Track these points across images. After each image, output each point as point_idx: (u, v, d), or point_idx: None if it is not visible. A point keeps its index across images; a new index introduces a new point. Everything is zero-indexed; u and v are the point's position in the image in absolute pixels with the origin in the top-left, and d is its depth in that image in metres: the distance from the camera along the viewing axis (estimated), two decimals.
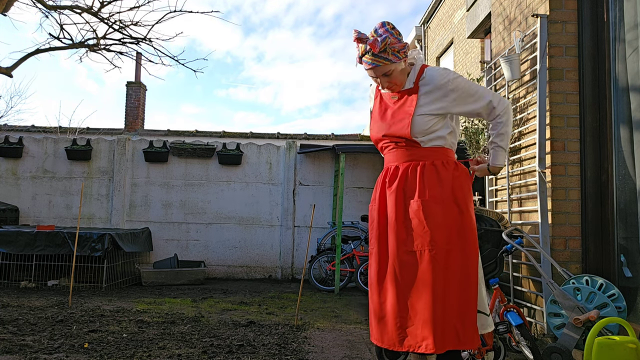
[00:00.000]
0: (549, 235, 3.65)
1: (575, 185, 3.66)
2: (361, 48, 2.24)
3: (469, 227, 2.26)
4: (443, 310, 2.16)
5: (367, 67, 2.26)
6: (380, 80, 2.29)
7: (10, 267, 6.36)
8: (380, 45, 2.18)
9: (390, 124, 2.37)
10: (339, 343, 3.87)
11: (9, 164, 7.82)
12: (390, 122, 2.38)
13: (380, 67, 2.23)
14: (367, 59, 2.23)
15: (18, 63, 5.23)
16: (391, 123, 2.37)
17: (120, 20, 5.50)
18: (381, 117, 2.43)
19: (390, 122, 2.37)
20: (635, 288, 3.24)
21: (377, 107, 2.47)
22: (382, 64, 2.22)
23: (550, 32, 3.75)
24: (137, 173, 7.86)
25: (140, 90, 13.46)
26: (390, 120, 2.38)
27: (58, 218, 7.72)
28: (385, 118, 2.40)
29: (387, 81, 2.28)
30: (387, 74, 2.26)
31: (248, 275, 7.77)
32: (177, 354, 3.42)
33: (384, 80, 2.28)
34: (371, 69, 2.25)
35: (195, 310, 5.00)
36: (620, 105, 3.47)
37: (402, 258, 2.25)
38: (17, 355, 3.30)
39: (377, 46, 2.18)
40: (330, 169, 7.88)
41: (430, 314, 2.15)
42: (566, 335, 3.00)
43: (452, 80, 2.27)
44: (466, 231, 2.24)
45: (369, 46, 2.20)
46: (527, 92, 4.07)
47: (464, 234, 2.24)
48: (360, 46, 2.25)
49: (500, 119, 2.34)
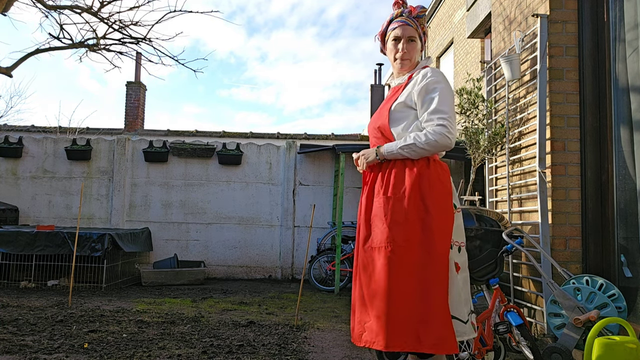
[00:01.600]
0: (549, 235, 3.65)
1: (576, 185, 3.66)
2: (397, 11, 2.38)
3: (437, 226, 2.16)
4: (397, 309, 2.11)
5: (398, 25, 2.35)
6: (402, 44, 2.35)
7: (10, 267, 6.36)
8: (419, 11, 2.36)
9: (377, 118, 2.41)
10: (339, 343, 3.87)
11: (9, 164, 7.81)
12: (377, 115, 2.41)
13: (410, 28, 2.35)
14: (403, 18, 2.36)
15: (18, 63, 5.23)
16: (377, 117, 2.40)
17: (120, 20, 5.50)
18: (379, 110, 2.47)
19: (377, 115, 2.41)
20: (635, 288, 3.24)
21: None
22: (413, 26, 2.34)
23: (550, 32, 3.75)
24: (137, 173, 7.85)
25: (140, 90, 13.46)
26: (377, 113, 2.42)
27: (58, 218, 7.71)
28: (376, 113, 2.46)
29: (407, 48, 2.34)
30: (412, 39, 2.35)
31: (248, 276, 7.76)
32: (177, 354, 3.42)
33: (405, 46, 2.34)
34: (402, 26, 2.35)
35: (195, 310, 5.00)
36: (621, 105, 3.47)
37: (364, 254, 2.27)
38: (17, 355, 3.30)
39: (417, 10, 2.35)
40: (330, 169, 7.88)
41: (382, 311, 2.13)
42: (566, 335, 3.00)
43: (434, 81, 2.25)
44: (433, 230, 2.16)
45: (409, 8, 2.36)
46: (527, 92, 4.07)
47: (430, 233, 2.15)
48: (396, 10, 2.38)
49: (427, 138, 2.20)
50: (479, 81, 4.83)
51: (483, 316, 3.05)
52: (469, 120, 4.72)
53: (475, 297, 3.25)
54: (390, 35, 2.38)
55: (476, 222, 3.74)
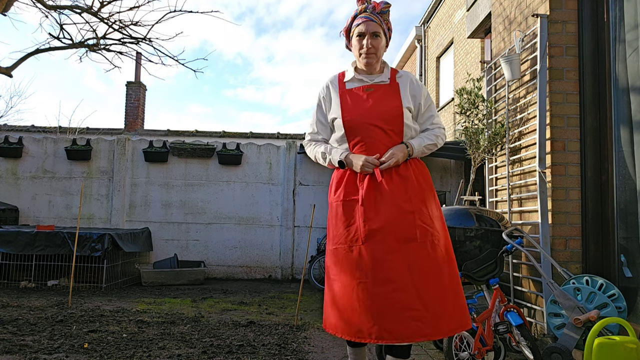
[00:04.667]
0: (549, 235, 3.65)
1: (576, 185, 3.66)
2: (361, 7, 2.39)
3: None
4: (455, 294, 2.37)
5: (362, 21, 2.37)
6: (367, 40, 2.35)
7: (10, 267, 6.36)
8: (383, 6, 2.36)
9: (377, 111, 2.33)
10: (339, 343, 3.87)
11: (9, 164, 7.81)
12: (375, 109, 2.33)
13: (374, 24, 2.36)
14: (366, 14, 2.38)
15: (18, 63, 5.23)
16: (379, 110, 2.33)
17: (120, 20, 5.49)
18: (359, 105, 2.36)
19: (376, 109, 2.33)
20: (635, 288, 3.24)
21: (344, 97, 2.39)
22: (377, 22, 2.35)
23: (550, 32, 3.75)
24: (137, 173, 7.85)
25: (140, 90, 13.46)
26: (374, 107, 2.34)
27: (58, 218, 7.71)
28: (365, 106, 2.35)
29: (372, 44, 2.35)
30: (377, 35, 2.36)
31: (248, 276, 7.76)
32: (177, 354, 3.42)
33: (370, 41, 2.35)
34: (366, 22, 2.36)
35: (195, 311, 5.00)
36: (621, 105, 3.47)
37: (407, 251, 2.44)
38: (17, 355, 3.30)
39: (380, 6, 2.37)
40: (330, 169, 7.87)
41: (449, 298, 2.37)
42: (566, 335, 3.00)
43: (424, 88, 2.48)
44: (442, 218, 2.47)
45: (372, 4, 2.38)
46: (527, 92, 4.07)
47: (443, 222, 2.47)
48: (360, 6, 2.40)
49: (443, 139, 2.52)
50: (479, 81, 4.83)
51: (483, 316, 3.05)
52: (469, 120, 4.72)
53: (475, 297, 3.25)
54: (355, 31, 2.39)
55: (476, 222, 3.75)
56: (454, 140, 7.11)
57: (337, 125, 2.41)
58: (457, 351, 3.10)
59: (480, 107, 4.71)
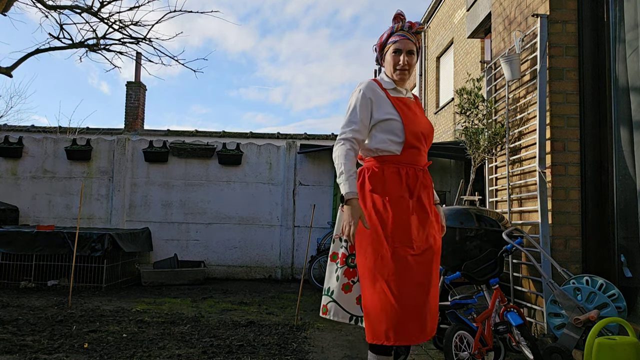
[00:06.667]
0: (549, 235, 3.65)
1: (576, 185, 3.66)
2: (398, 25, 2.48)
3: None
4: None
5: (399, 38, 2.45)
6: (403, 57, 2.43)
7: (10, 267, 6.36)
8: (418, 27, 2.47)
9: (423, 123, 2.46)
10: (339, 343, 3.87)
11: (9, 164, 7.81)
12: (421, 121, 2.46)
13: (410, 42, 2.45)
14: (403, 32, 2.46)
15: (18, 63, 5.24)
16: (422, 122, 2.46)
17: (120, 20, 5.50)
18: (413, 114, 2.43)
19: (422, 121, 2.46)
20: (635, 288, 3.24)
21: (397, 103, 2.41)
22: (412, 41, 2.46)
23: (550, 32, 3.75)
24: (137, 173, 7.85)
25: (140, 90, 13.46)
26: (421, 120, 2.47)
27: (58, 218, 7.71)
28: (417, 116, 2.46)
29: (407, 61, 2.43)
30: (412, 52, 2.45)
31: (248, 276, 7.76)
32: (177, 354, 3.42)
33: (406, 58, 2.43)
34: (403, 40, 2.44)
35: (195, 311, 5.00)
36: (621, 105, 3.47)
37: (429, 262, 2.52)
38: (17, 355, 3.30)
39: (417, 26, 2.47)
40: (330, 169, 7.88)
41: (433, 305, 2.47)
42: (566, 335, 3.00)
43: None
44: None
45: (409, 23, 2.46)
46: (527, 92, 4.07)
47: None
48: (397, 24, 2.48)
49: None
50: (479, 81, 4.83)
51: (483, 316, 3.05)
52: (469, 120, 4.72)
53: (475, 297, 3.25)
54: (391, 47, 2.45)
55: (476, 222, 3.74)
56: (454, 140, 7.11)
57: (387, 126, 2.36)
58: (457, 351, 3.10)
59: (480, 107, 4.71)
